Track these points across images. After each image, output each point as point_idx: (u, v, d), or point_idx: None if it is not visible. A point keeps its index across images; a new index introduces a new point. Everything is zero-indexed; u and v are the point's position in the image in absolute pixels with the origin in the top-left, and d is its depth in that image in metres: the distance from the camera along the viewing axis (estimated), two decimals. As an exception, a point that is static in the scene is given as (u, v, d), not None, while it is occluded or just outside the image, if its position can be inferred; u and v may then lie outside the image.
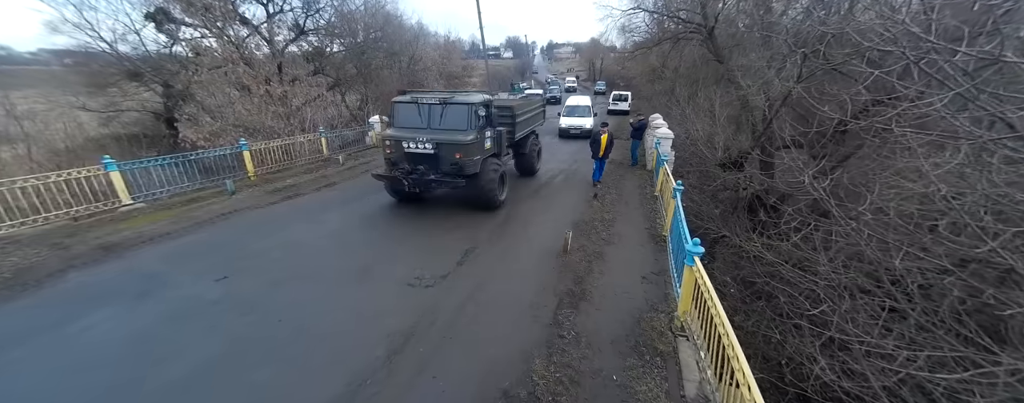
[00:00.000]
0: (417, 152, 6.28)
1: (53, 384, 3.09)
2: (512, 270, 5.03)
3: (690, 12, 13.54)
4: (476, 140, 6.29)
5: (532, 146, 9.35)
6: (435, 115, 6.44)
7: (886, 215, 3.90)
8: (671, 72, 19.48)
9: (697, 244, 3.43)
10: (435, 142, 6.16)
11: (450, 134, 6.24)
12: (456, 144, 6.16)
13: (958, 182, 3.59)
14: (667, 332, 3.82)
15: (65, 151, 11.65)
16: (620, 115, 22.65)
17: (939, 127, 3.63)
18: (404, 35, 23.40)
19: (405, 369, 3.29)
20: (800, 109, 7.65)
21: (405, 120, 6.63)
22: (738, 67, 10.93)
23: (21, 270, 4.74)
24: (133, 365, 3.29)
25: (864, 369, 3.24)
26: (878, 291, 3.85)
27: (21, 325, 3.80)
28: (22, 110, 12.07)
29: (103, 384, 3.09)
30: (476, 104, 6.36)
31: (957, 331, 3.25)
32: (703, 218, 8.40)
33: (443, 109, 6.41)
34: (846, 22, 5.40)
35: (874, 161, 5.17)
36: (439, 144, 6.17)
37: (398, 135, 6.38)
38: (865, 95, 4.97)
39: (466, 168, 6.28)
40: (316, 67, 17.06)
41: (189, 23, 13.41)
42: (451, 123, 6.36)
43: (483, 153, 6.61)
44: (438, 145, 6.17)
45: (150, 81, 14.39)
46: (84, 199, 6.46)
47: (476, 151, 6.35)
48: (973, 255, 3.30)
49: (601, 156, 8.48)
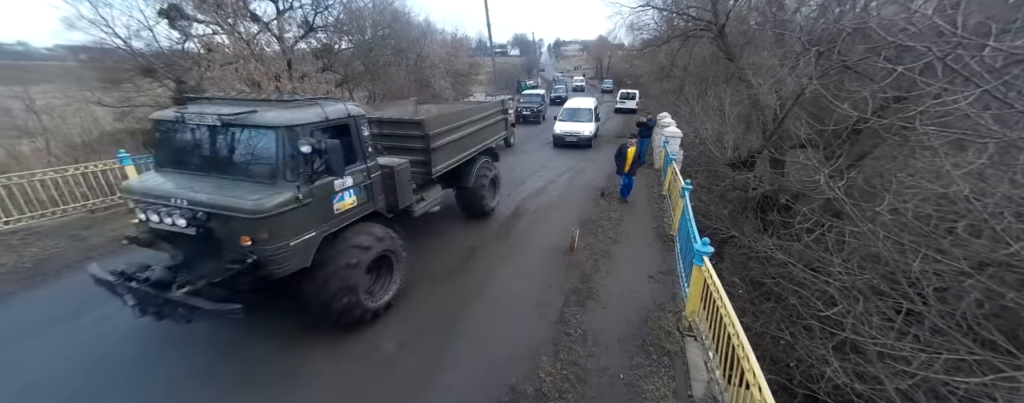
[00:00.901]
0: (167, 230, 3.11)
1: (71, 369, 3.17)
2: (518, 267, 5.03)
3: (700, 9, 13.34)
4: (290, 206, 3.01)
5: (480, 175, 6.29)
6: (216, 148, 3.29)
7: (903, 216, 3.81)
8: (680, 70, 19.22)
9: (706, 244, 3.39)
10: (197, 211, 3.00)
11: (232, 192, 3.04)
12: (241, 216, 2.91)
13: (979, 183, 3.50)
14: (675, 332, 3.79)
15: (81, 145, 11.90)
16: (628, 113, 22.56)
17: (962, 125, 3.53)
18: (411, 32, 23.42)
19: (412, 364, 3.26)
20: (813, 108, 7.50)
21: (173, 158, 3.51)
22: (749, 65, 10.76)
23: (41, 260, 4.87)
24: (148, 353, 3.37)
25: (878, 372, 3.18)
26: (892, 293, 3.77)
27: (42, 313, 3.91)
28: (41, 105, 12.36)
29: (120, 370, 3.16)
30: (301, 126, 3.13)
31: (975, 334, 3.18)
32: (711, 218, 8.30)
33: (227, 136, 3.23)
34: (864, 18, 5.27)
35: (891, 161, 5.06)
36: (209, 215, 2.99)
37: (140, 190, 3.33)
38: (884, 93, 4.85)
39: (273, 262, 3.03)
40: (325, 64, 17.17)
41: (201, 19, 13.57)
42: (240, 167, 3.22)
43: (319, 223, 3.31)
44: (207, 217, 2.99)
45: (163, 77, 14.60)
46: (100, 192, 6.60)
47: (292, 227, 3.09)
48: (994, 258, 3.21)
49: (627, 172, 7.41)
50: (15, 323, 3.76)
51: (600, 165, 10.50)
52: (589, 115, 13.77)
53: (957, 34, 3.22)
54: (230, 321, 3.23)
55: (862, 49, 5.47)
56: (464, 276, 4.76)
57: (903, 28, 3.89)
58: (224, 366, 3.24)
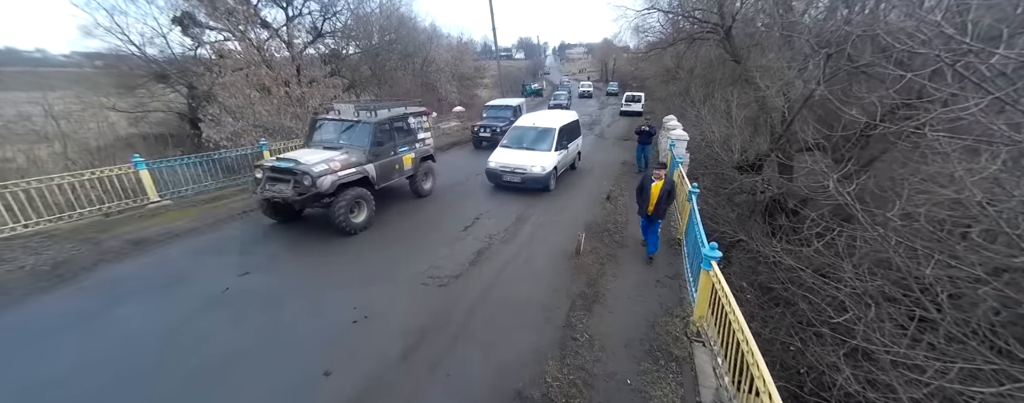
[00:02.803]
0: None
1: (88, 369, 3.24)
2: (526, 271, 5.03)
3: (706, 12, 13.30)
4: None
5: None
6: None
7: (915, 221, 3.76)
8: (686, 73, 19.17)
9: (714, 248, 3.37)
10: None
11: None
12: None
13: (994, 188, 3.44)
14: (682, 337, 3.77)
15: (97, 150, 12.20)
16: (633, 116, 22.50)
17: (974, 131, 3.48)
18: (418, 37, 23.69)
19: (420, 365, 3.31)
20: (822, 111, 7.44)
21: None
22: (756, 68, 10.69)
23: (58, 263, 4.98)
24: (161, 354, 3.43)
25: (892, 380, 3.13)
26: (905, 299, 3.72)
27: (59, 315, 4.00)
28: (58, 110, 12.69)
29: (135, 370, 3.23)
30: None
31: (991, 342, 3.11)
32: (719, 221, 8.24)
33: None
34: (873, 21, 5.23)
35: (903, 166, 4.99)
36: None
37: None
38: (893, 98, 4.81)
39: None
40: (333, 69, 17.43)
41: (213, 26, 13.90)
42: None
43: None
44: None
45: (176, 82, 14.96)
46: (115, 196, 6.75)
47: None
48: (1010, 264, 3.15)
49: (650, 213, 5.25)
50: (42, 319, 3.86)
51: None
52: (549, 141, 8.46)
53: (965, 41, 3.19)
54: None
55: (873, 53, 5.42)
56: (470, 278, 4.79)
57: (911, 34, 3.86)
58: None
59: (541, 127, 8.89)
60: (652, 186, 5.14)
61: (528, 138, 8.75)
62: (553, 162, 8.11)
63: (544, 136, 8.64)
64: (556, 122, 9.00)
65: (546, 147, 8.41)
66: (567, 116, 9.94)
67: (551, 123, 8.96)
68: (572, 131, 9.69)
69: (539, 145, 8.50)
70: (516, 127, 9.35)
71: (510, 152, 8.49)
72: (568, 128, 9.32)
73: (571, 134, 9.57)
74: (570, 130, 9.50)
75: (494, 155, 8.49)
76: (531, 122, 9.30)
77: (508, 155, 8.35)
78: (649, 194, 5.14)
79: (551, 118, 9.48)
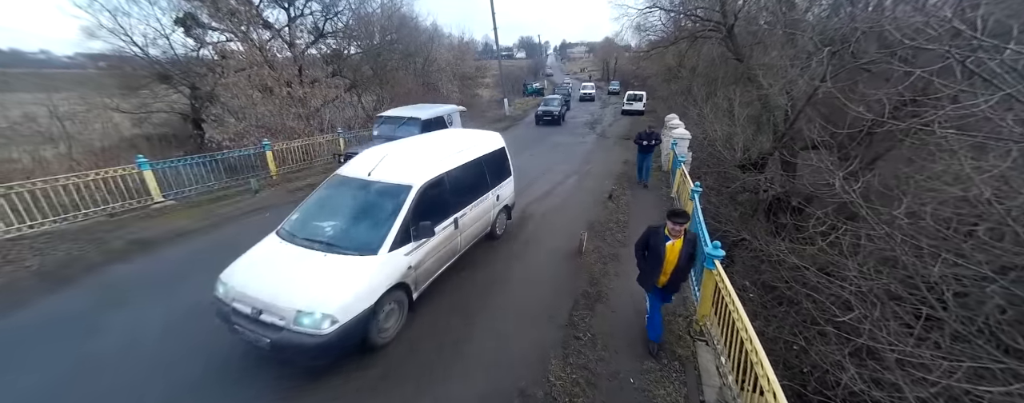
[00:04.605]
0: None
1: (93, 368, 3.26)
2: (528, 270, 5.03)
3: (708, 10, 13.26)
4: None
5: None
6: None
7: (921, 219, 3.72)
8: (688, 71, 19.10)
9: (717, 247, 3.36)
10: None
11: None
12: None
13: (1002, 186, 3.40)
14: (686, 336, 3.76)
15: (101, 150, 12.28)
16: (635, 115, 22.26)
17: (983, 128, 3.44)
18: (419, 37, 23.68)
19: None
20: (826, 109, 7.38)
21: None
22: (759, 66, 10.63)
23: (63, 264, 5.02)
24: (167, 351, 3.45)
25: (898, 379, 3.10)
26: (911, 298, 3.69)
27: (64, 314, 4.03)
28: (63, 111, 12.78)
29: (140, 368, 3.25)
30: None
31: (998, 341, 3.08)
32: (721, 220, 8.20)
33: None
34: (879, 18, 5.18)
35: (908, 163, 4.95)
36: None
37: None
38: (900, 95, 4.76)
39: None
40: (334, 69, 17.46)
41: (216, 27, 13.94)
42: None
43: None
44: None
45: (179, 83, 15.01)
46: (120, 196, 6.79)
47: None
48: (1017, 262, 3.12)
49: (663, 287, 3.41)
50: (46, 319, 3.89)
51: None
52: (386, 224, 3.52)
53: (975, 37, 3.15)
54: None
55: (878, 49, 5.37)
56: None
57: (919, 30, 3.81)
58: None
59: (384, 182, 3.97)
60: (667, 247, 3.19)
61: (341, 212, 4.00)
62: (359, 295, 3.15)
63: (378, 208, 3.81)
64: (426, 166, 4.19)
65: (368, 245, 3.44)
66: (470, 144, 5.13)
67: (412, 169, 4.07)
68: (478, 176, 5.01)
69: (353, 239, 3.59)
70: (335, 176, 4.52)
71: (272, 258, 3.57)
72: (458, 176, 4.57)
73: (474, 187, 4.88)
74: (470, 176, 4.83)
75: (236, 265, 3.57)
76: (367, 166, 4.20)
77: (263, 268, 3.46)
78: (662, 258, 3.21)
79: (421, 154, 4.53)
